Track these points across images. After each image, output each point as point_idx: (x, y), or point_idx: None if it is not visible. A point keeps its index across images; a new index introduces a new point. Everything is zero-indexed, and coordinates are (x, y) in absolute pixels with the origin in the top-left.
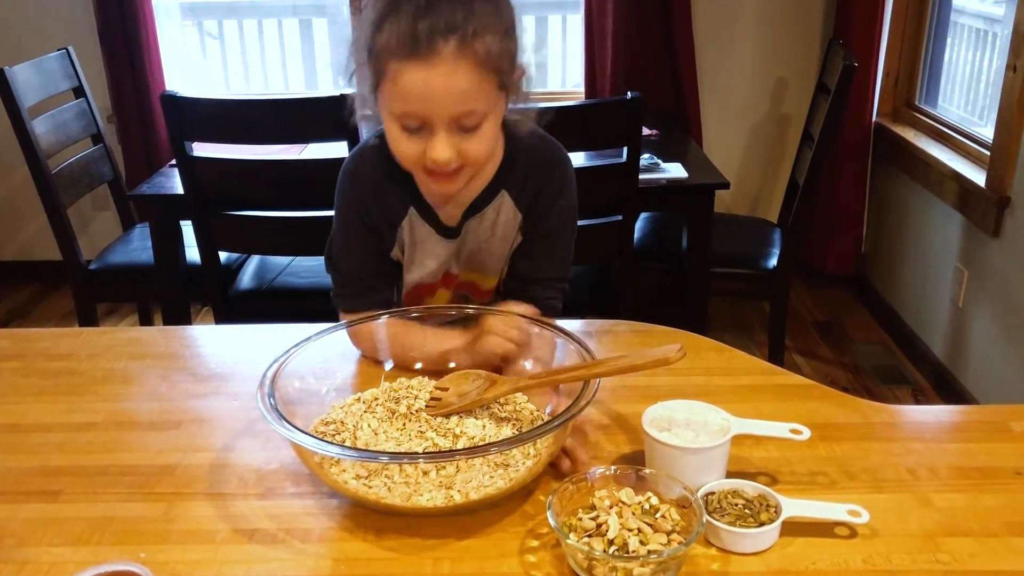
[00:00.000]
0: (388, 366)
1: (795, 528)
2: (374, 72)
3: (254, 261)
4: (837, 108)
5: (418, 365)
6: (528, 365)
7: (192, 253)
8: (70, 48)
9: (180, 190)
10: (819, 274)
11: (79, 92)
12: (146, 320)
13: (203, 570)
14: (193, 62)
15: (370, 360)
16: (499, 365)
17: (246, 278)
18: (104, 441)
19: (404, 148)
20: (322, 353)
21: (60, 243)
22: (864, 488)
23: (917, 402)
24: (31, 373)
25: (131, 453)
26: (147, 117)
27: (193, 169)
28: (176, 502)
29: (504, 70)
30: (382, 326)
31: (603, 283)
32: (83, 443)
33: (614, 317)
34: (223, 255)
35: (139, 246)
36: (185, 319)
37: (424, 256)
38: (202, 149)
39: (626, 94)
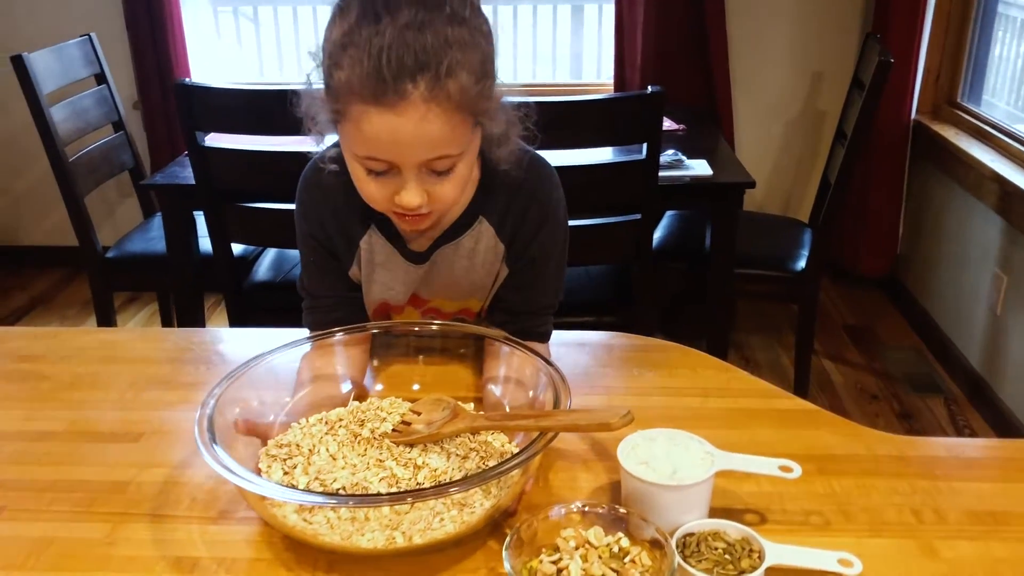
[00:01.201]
0: (346, 387)
1: None
2: (333, 109)
3: (271, 253)
4: (871, 105)
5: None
6: (497, 391)
7: (207, 244)
8: (92, 35)
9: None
10: (852, 276)
11: (101, 79)
12: (165, 309)
13: None
14: (224, 49)
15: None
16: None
17: (262, 270)
18: (59, 453)
19: (370, 191)
20: (293, 365)
21: (77, 231)
22: (861, 531)
23: (949, 412)
24: None
25: (84, 467)
26: (171, 105)
27: (205, 159)
28: (121, 524)
29: (481, 109)
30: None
31: (624, 283)
32: (37, 455)
33: (633, 318)
34: (240, 247)
35: (157, 235)
36: (198, 310)
37: (386, 278)
38: (221, 139)
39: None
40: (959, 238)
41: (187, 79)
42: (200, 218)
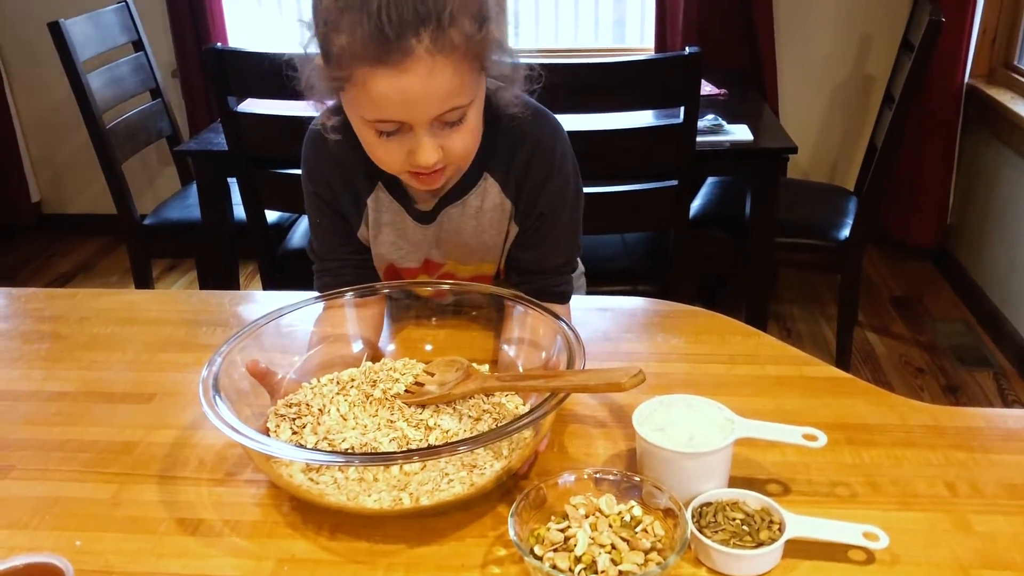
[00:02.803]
0: (357, 346)
1: (802, 549)
2: (335, 77)
3: (306, 220)
4: (920, 67)
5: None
6: (511, 352)
7: (243, 211)
8: (129, 1)
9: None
10: (900, 245)
11: (138, 46)
12: (204, 277)
13: (137, 563)
14: (264, 17)
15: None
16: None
17: (296, 237)
18: (70, 413)
19: (382, 154)
20: (303, 325)
21: (115, 197)
22: (890, 504)
23: (998, 386)
24: (15, 336)
25: (94, 427)
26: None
27: (237, 125)
28: (127, 484)
29: (482, 50)
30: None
31: (661, 251)
32: (49, 414)
33: (670, 287)
34: (276, 214)
35: (195, 202)
36: (233, 277)
37: (394, 237)
38: (255, 105)
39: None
40: (1012, 207)
41: (218, 44)
42: (235, 185)
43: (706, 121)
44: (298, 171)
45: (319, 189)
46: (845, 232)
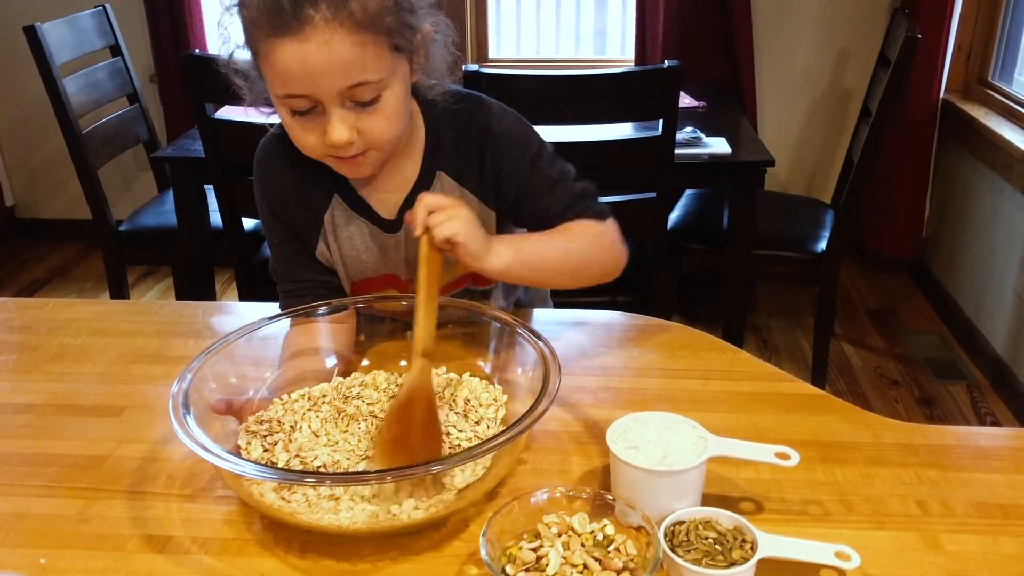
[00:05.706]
0: (329, 361)
1: (774, 568)
2: (251, 50)
3: None
4: (897, 83)
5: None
6: (487, 368)
7: (219, 218)
8: (107, 6)
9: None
10: (876, 258)
11: (116, 51)
12: (180, 284)
13: None
14: None
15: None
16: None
17: None
18: (38, 426)
19: (299, 136)
20: (275, 340)
21: (90, 203)
22: (862, 522)
23: (972, 399)
24: None
25: (62, 441)
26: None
27: (214, 132)
28: (95, 500)
29: (395, 29)
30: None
31: (640, 262)
32: (15, 428)
33: (649, 299)
34: (253, 221)
35: (171, 209)
36: (209, 285)
37: (357, 252)
38: (234, 112)
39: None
40: (986, 221)
41: (196, 50)
42: (212, 192)
43: (684, 133)
44: None
45: (275, 207)
46: (822, 245)
